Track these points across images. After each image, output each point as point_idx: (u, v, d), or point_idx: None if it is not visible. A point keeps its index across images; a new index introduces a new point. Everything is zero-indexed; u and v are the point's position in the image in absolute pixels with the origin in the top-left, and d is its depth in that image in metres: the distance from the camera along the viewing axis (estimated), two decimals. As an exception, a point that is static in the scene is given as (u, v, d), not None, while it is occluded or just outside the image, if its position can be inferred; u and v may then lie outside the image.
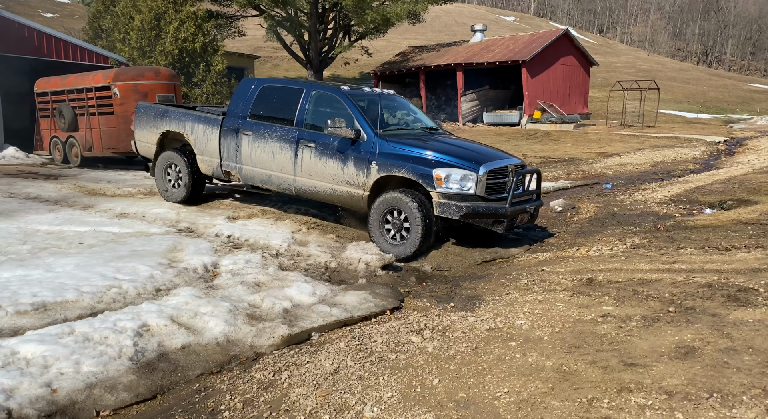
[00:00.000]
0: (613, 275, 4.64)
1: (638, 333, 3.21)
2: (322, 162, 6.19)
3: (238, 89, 7.12)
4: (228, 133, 6.94)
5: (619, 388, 2.53)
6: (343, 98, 6.30)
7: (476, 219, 5.64)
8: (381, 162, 5.83)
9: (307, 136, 6.31)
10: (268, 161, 6.61)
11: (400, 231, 5.80)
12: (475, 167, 5.64)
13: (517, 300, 4.21)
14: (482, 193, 5.64)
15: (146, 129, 7.86)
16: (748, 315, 3.27)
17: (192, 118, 7.34)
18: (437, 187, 5.58)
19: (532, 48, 25.84)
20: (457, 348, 3.31)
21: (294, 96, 6.60)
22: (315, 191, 6.37)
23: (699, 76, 60.26)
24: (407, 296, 4.74)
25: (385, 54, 38.30)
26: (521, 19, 78.10)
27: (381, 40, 33.07)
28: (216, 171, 7.20)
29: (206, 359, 3.33)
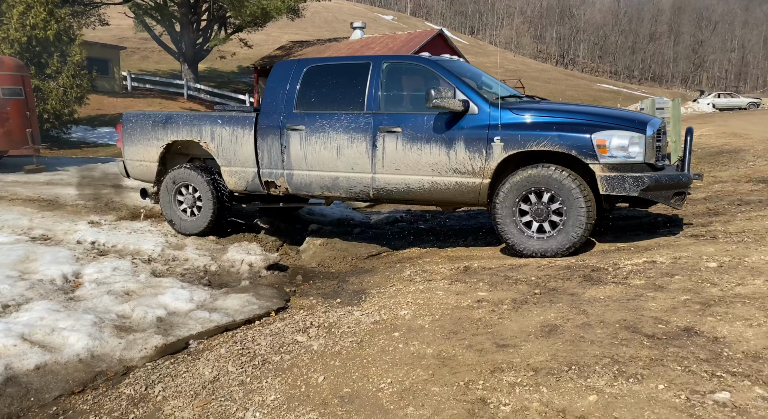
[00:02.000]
0: (487, 262, 4.92)
1: (509, 316, 3.43)
2: (415, 150, 4.98)
3: (272, 77, 5.75)
4: (268, 133, 5.59)
5: (493, 369, 2.69)
6: (431, 65, 5.12)
7: (656, 194, 4.50)
8: (508, 136, 4.64)
9: (388, 121, 5.10)
10: (333, 160, 5.34)
11: (546, 219, 4.66)
12: (641, 127, 4.50)
13: (400, 292, 4.32)
14: (652, 160, 4.54)
15: (142, 143, 6.28)
16: (599, 292, 3.64)
17: (210, 120, 5.93)
18: (601, 158, 4.41)
19: (410, 46, 26.66)
20: (343, 343, 3.32)
21: (358, 73, 5.34)
22: (406, 189, 5.15)
23: (557, 76, 66.18)
24: (293, 295, 4.67)
25: (265, 48, 37.36)
26: (399, 18, 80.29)
27: (260, 34, 32.23)
28: (251, 184, 5.79)
29: (66, 378, 3.01)
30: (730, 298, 3.22)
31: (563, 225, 4.55)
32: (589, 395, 2.33)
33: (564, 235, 4.56)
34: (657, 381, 2.36)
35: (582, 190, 4.46)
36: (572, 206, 4.49)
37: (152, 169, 6.30)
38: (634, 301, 3.37)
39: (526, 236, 4.71)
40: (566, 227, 4.53)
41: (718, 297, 3.26)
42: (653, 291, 3.51)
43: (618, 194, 4.44)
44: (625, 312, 3.20)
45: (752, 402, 2.14)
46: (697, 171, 9.34)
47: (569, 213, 4.52)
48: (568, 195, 4.49)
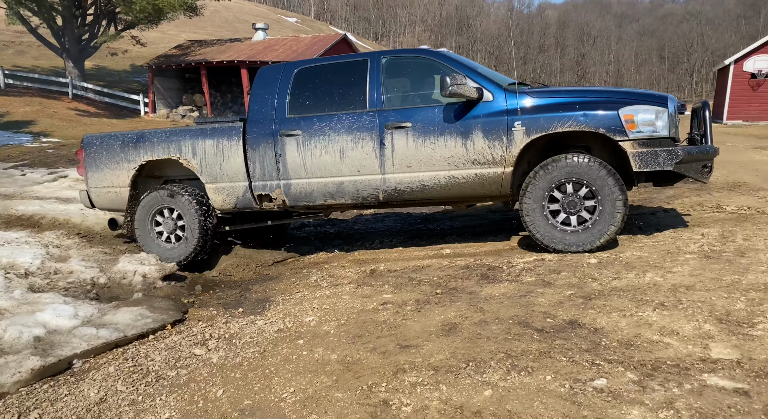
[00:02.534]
0: (393, 264, 5.01)
1: (412, 316, 3.52)
2: (429, 144, 4.75)
3: (257, 83, 5.45)
4: (259, 142, 5.24)
5: (396, 370, 2.73)
6: (436, 56, 4.96)
7: (689, 167, 4.38)
8: (529, 120, 4.48)
9: (395, 116, 4.87)
10: (336, 164, 5.06)
11: (579, 211, 4.46)
12: (663, 101, 4.41)
13: (306, 298, 4.27)
14: (675, 135, 4.47)
15: (109, 168, 5.69)
16: (495, 290, 3.83)
17: (191, 134, 5.47)
18: (630, 133, 4.30)
19: (314, 50, 26.53)
20: (245, 354, 3.22)
21: (355, 71, 5.12)
22: (420, 187, 4.90)
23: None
24: (192, 306, 4.47)
25: (161, 46, 35.44)
26: (303, 21, 79.67)
27: (155, 32, 30.55)
28: (242, 200, 5.40)
29: None
30: (608, 291, 3.52)
31: (599, 216, 4.39)
32: (485, 390, 2.44)
33: (599, 228, 4.39)
34: (545, 373, 2.53)
35: (617, 179, 4.34)
36: (608, 198, 4.34)
37: (123, 195, 5.70)
38: (525, 297, 3.58)
39: (557, 230, 4.51)
40: (601, 219, 4.38)
41: (597, 291, 3.55)
42: (542, 288, 3.75)
43: (652, 169, 4.32)
44: (518, 308, 3.40)
45: (625, 386, 2.36)
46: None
47: (605, 204, 4.36)
48: (603, 184, 4.34)
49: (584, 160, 4.38)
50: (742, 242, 4.39)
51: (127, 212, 5.74)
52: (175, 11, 23.53)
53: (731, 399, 2.18)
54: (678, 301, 3.22)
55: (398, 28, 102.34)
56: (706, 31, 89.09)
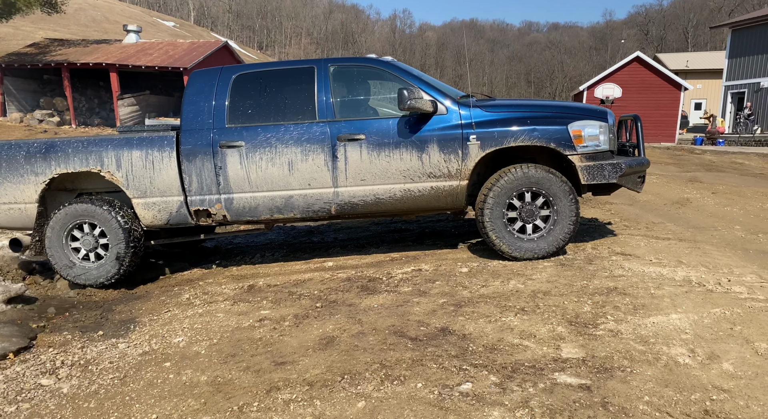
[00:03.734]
0: (273, 279, 4.89)
1: (290, 332, 3.45)
2: (384, 157, 4.67)
3: (189, 89, 5.01)
4: (196, 154, 4.85)
5: (269, 389, 2.66)
6: (389, 67, 4.85)
7: (629, 179, 4.65)
8: (484, 133, 4.54)
9: (348, 128, 4.71)
10: (284, 177, 4.80)
11: (535, 221, 4.60)
12: (604, 116, 4.68)
13: (176, 317, 4.03)
14: (614, 147, 4.74)
15: (11, 181, 5.04)
16: (374, 301, 3.90)
17: (114, 144, 4.92)
18: (578, 148, 4.49)
19: (193, 56, 25.42)
20: (102, 381, 2.95)
21: (301, 79, 4.87)
22: (374, 200, 4.79)
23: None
24: (42, 331, 4.01)
25: (13, 43, 31.80)
26: (182, 25, 76.03)
27: (6, 27, 27.41)
28: (176, 216, 4.99)
29: None
30: (476, 299, 3.74)
31: (553, 225, 4.56)
32: (358, 402, 2.46)
33: (554, 235, 4.58)
34: (417, 381, 2.61)
35: (571, 188, 4.53)
36: (562, 208, 4.52)
37: (29, 212, 5.10)
38: (402, 307, 3.68)
39: (517, 238, 4.62)
40: (556, 227, 4.56)
41: (467, 299, 3.75)
42: (418, 297, 3.88)
43: (598, 182, 4.56)
44: (395, 318, 3.48)
45: (488, 389, 2.50)
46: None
47: (560, 214, 4.54)
48: (559, 195, 4.52)
49: (543, 171, 4.54)
50: (590, 251, 4.89)
51: (35, 231, 5.13)
52: (31, 8, 21.30)
53: (576, 395, 2.40)
54: (536, 306, 3.50)
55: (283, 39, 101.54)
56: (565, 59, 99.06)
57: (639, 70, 26.07)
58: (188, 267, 5.86)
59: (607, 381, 2.51)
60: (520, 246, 4.61)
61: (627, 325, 3.14)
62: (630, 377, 2.55)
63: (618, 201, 8.00)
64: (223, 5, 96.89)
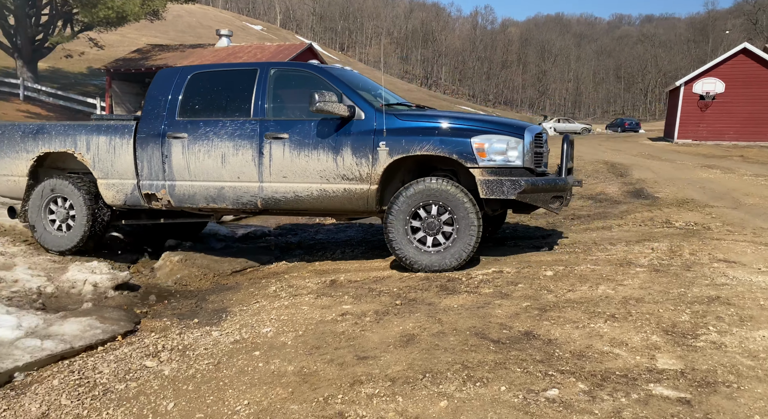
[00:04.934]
0: (353, 275, 4.99)
1: (371, 328, 3.51)
2: (303, 156, 4.88)
3: (153, 85, 5.53)
4: (148, 142, 5.33)
5: (352, 382, 2.72)
6: (319, 72, 5.09)
7: (534, 197, 4.56)
8: (393, 140, 4.63)
9: (275, 127, 4.98)
10: (218, 169, 5.14)
11: (437, 233, 4.60)
12: (519, 132, 4.59)
13: (264, 308, 4.21)
14: (530, 165, 4.63)
15: (9, 156, 5.83)
16: (454, 301, 3.87)
17: (87, 130, 5.57)
18: (480, 161, 4.45)
19: (279, 58, 26.40)
20: (198, 366, 3.14)
21: (245, 80, 5.23)
22: (294, 198, 5.02)
23: (422, 97, 69.78)
24: (145, 317, 4.34)
25: (120, 49, 34.60)
26: (268, 29, 79.23)
27: (114, 34, 29.83)
28: (131, 197, 5.48)
29: None
30: (563, 303, 3.61)
31: (456, 238, 4.54)
32: (441, 401, 2.46)
33: (456, 249, 4.55)
34: (500, 384, 2.56)
35: (473, 203, 4.49)
36: (465, 219, 4.49)
37: (21, 184, 5.81)
38: (483, 309, 3.63)
39: (418, 250, 4.63)
40: (459, 240, 4.53)
41: (552, 303, 3.63)
42: (500, 299, 3.81)
43: (497, 197, 4.52)
44: (475, 319, 3.44)
45: (576, 396, 2.41)
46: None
47: (462, 226, 4.51)
48: (460, 208, 4.50)
49: (442, 183, 4.53)
50: (688, 256, 4.57)
51: (24, 201, 5.80)
52: (139, 19, 23.06)
53: (674, 409, 2.26)
54: (628, 313, 3.33)
55: (364, 40, 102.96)
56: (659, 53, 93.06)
57: (746, 62, 24.00)
58: (274, 261, 6.10)
59: (710, 397, 2.34)
60: (421, 258, 4.62)
61: (732, 338, 2.92)
62: (737, 393, 2.37)
63: (720, 204, 7.43)
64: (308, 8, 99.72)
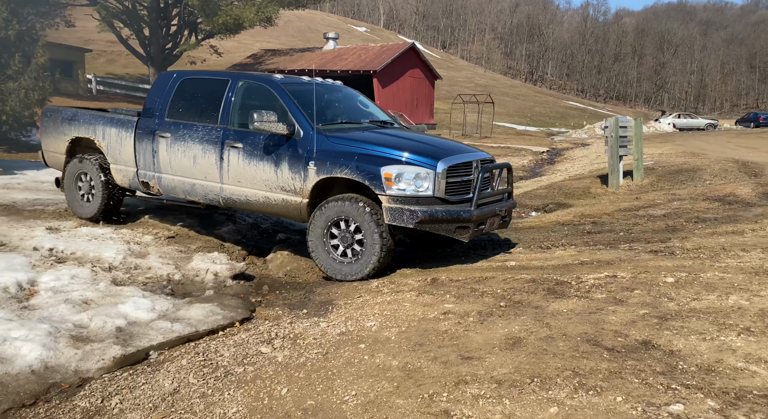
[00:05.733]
0: (454, 274, 4.96)
1: (474, 328, 3.47)
2: (252, 165, 5.31)
3: (154, 85, 6.28)
4: (144, 137, 6.00)
5: (457, 381, 2.70)
6: (275, 88, 5.46)
7: (435, 226, 4.78)
8: (320, 161, 4.94)
9: (233, 136, 5.43)
10: (191, 168, 5.70)
11: (351, 245, 4.95)
12: (432, 163, 4.77)
13: (367, 303, 4.30)
14: (442, 195, 4.81)
15: (54, 136, 6.87)
16: (563, 305, 3.71)
17: (103, 121, 6.42)
18: (387, 189, 4.69)
19: (382, 59, 26.88)
20: (308, 355, 3.29)
21: (217, 89, 5.72)
22: (246, 201, 5.47)
23: (526, 93, 67.61)
24: (259, 305, 4.60)
25: (237, 55, 37.05)
26: (372, 30, 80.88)
27: (232, 41, 31.97)
28: (133, 182, 6.20)
29: (17, 390, 2.89)
30: (686, 313, 3.33)
31: (363, 250, 4.84)
32: (550, 407, 2.37)
33: (364, 261, 4.84)
34: (615, 394, 2.42)
35: (377, 221, 4.74)
36: (369, 235, 4.77)
37: (61, 160, 6.80)
38: (595, 315, 3.45)
39: (336, 261, 4.98)
40: (366, 253, 4.82)
41: (674, 312, 3.36)
42: (614, 305, 3.60)
43: (399, 225, 4.69)
44: (587, 325, 3.27)
45: (704, 414, 2.21)
46: (657, 188, 9.66)
47: (367, 241, 4.80)
48: (365, 226, 4.77)
49: (351, 201, 4.82)
50: (841, 267, 4.02)
51: (62, 174, 6.79)
52: (254, 25, 24.57)
53: (827, 438, 1.99)
54: (766, 327, 2.99)
55: (467, 37, 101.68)
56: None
57: None
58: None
59: None
60: (333, 267, 4.98)
61: None
62: None
63: None
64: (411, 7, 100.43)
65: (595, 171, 12.35)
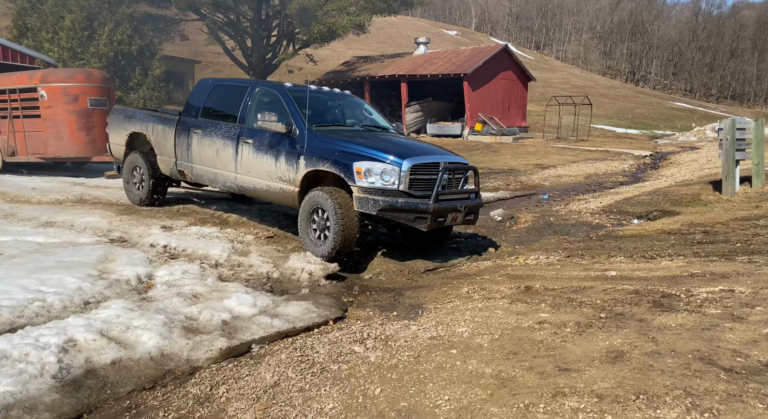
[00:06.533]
0: (550, 283, 4.79)
1: (572, 339, 3.33)
2: (258, 158, 6.16)
3: (194, 89, 7.29)
4: (182, 132, 7.06)
5: (554, 393, 2.61)
6: (281, 93, 6.29)
7: (395, 215, 5.37)
8: (308, 156, 5.71)
9: (246, 133, 6.30)
10: (214, 159, 6.65)
11: (324, 230, 5.63)
12: (398, 161, 5.41)
13: (458, 308, 4.27)
14: (406, 189, 5.42)
15: (117, 131, 8.12)
16: (671, 319, 3.46)
17: (153, 118, 7.55)
18: (357, 181, 5.36)
19: (474, 62, 26.59)
20: (400, 357, 3.32)
21: (239, 93, 6.66)
22: (253, 188, 6.35)
23: (627, 94, 63.88)
24: (351, 305, 4.72)
25: (330, 63, 38.29)
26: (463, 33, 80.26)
27: (326, 49, 33.14)
28: (173, 171, 7.30)
29: (138, 374, 3.18)
30: (819, 334, 2.98)
31: (328, 235, 5.53)
32: (659, 428, 2.22)
33: (328, 243, 5.54)
34: (735, 418, 2.22)
35: (339, 209, 5.37)
36: (332, 221, 5.44)
37: (122, 151, 8.04)
38: (709, 331, 3.18)
39: (312, 242, 5.73)
40: (329, 237, 5.51)
41: (805, 333, 3.03)
42: (731, 322, 3.30)
43: (365, 212, 5.35)
44: (699, 342, 3.03)
45: None
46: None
47: (331, 226, 5.48)
48: (330, 212, 5.44)
49: (321, 193, 5.54)
50: None
51: (122, 163, 8.04)
52: (347, 33, 25.27)
53: None
54: None
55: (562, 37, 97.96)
56: None
57: None
58: (465, 263, 6.15)
59: None
60: (312, 247, 5.70)
61: None
62: None
63: None
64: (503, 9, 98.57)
65: (705, 176, 11.42)
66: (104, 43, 16.54)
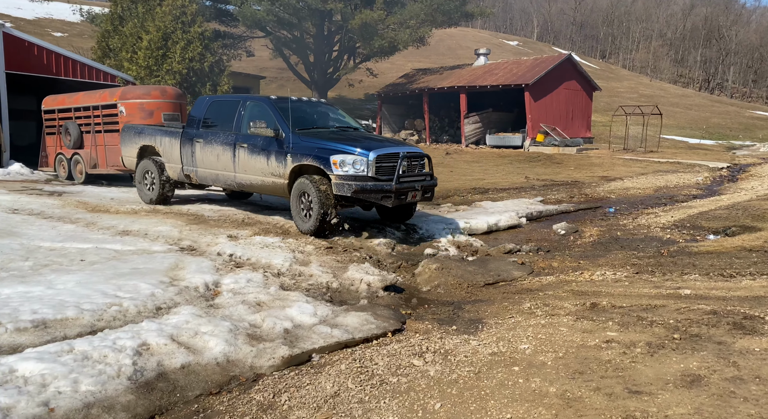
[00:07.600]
0: (617, 300, 4.60)
1: (643, 360, 3.17)
2: (253, 158, 7.41)
3: (194, 105, 8.61)
4: (186, 142, 8.38)
5: (624, 416, 2.49)
6: (267, 104, 7.61)
7: (366, 195, 6.64)
8: (294, 154, 6.97)
9: (241, 139, 7.58)
10: (215, 162, 7.94)
11: (309, 210, 6.87)
12: (366, 153, 6.67)
13: (520, 324, 4.17)
14: (373, 174, 6.69)
15: (129, 145, 9.49)
16: (754, 343, 3.23)
17: (161, 132, 8.92)
18: (335, 171, 6.62)
19: (535, 72, 26.10)
20: (460, 372, 3.27)
21: (234, 106, 7.96)
22: (250, 184, 7.64)
23: (701, 103, 60.68)
24: (409, 318, 4.70)
25: (390, 76, 38.70)
26: (524, 43, 79.10)
27: (385, 63, 33.52)
28: (180, 175, 8.63)
29: (205, 379, 3.29)
30: None
31: (312, 213, 6.78)
32: (742, 460, 2.06)
33: (312, 220, 6.78)
34: (830, 455, 2.03)
35: (318, 192, 6.62)
36: (314, 202, 6.68)
37: (134, 162, 9.35)
38: (797, 358, 2.94)
39: (302, 221, 6.98)
40: (313, 214, 6.76)
41: None
42: (823, 349, 3.04)
43: (341, 194, 6.61)
44: (787, 369, 2.81)
45: None
46: None
47: (313, 206, 6.73)
48: (312, 194, 6.68)
49: (306, 180, 6.79)
50: None
51: (135, 171, 9.30)
52: (407, 46, 25.50)
53: None
54: None
55: (630, 45, 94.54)
56: None
57: None
58: (526, 277, 6.00)
59: None
60: (301, 225, 7.00)
61: None
62: None
63: None
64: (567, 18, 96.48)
65: (791, 189, 10.62)
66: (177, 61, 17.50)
